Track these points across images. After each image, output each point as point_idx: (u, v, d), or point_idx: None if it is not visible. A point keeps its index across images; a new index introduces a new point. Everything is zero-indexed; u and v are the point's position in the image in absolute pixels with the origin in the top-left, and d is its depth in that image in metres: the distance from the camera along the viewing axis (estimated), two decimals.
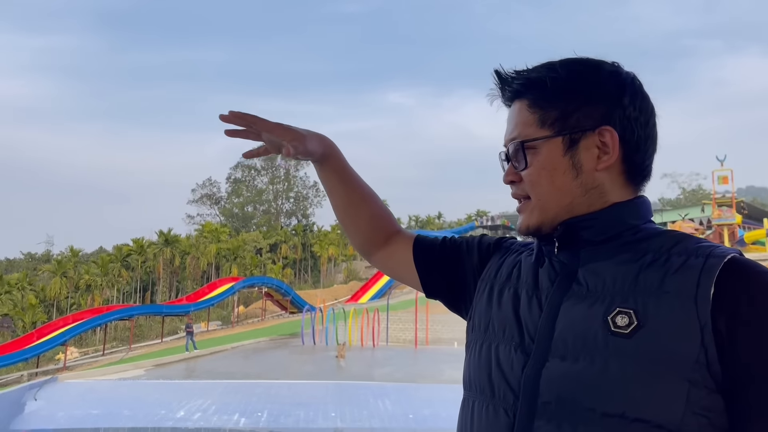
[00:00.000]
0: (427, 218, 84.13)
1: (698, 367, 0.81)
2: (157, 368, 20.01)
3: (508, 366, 0.95)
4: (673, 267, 0.87)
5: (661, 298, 0.85)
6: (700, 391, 0.81)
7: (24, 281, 53.06)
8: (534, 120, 0.99)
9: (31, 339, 29.56)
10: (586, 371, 0.86)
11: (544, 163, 0.98)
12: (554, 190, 0.99)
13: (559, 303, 0.94)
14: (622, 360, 0.84)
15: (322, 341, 24.71)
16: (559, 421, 0.87)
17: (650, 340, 0.83)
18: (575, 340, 0.89)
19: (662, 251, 0.91)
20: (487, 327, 1.04)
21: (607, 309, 0.88)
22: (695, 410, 0.81)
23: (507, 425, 0.92)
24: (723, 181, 40.02)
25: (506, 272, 1.09)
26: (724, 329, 0.81)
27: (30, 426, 10.86)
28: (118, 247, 61.76)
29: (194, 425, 10.53)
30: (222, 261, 61.37)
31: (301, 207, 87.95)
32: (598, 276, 0.93)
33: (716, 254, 0.86)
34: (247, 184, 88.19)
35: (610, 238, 0.96)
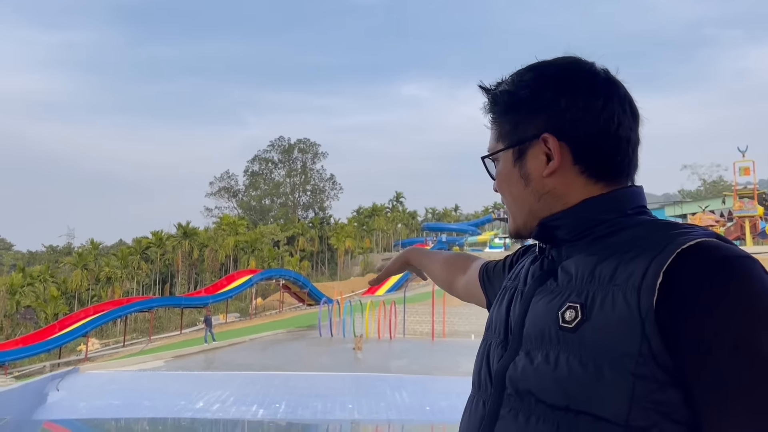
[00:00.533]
0: (443, 210, 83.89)
1: (643, 360, 0.79)
2: (176, 359, 20.23)
3: (487, 362, 1.01)
4: (627, 258, 0.86)
5: (608, 291, 0.85)
6: (648, 385, 0.79)
7: (46, 273, 53.83)
8: (495, 134, 1.06)
9: (53, 330, 30.03)
10: (540, 365, 0.89)
11: (502, 174, 1.05)
12: (513, 199, 1.05)
13: (531, 298, 0.98)
14: (567, 354, 0.85)
15: (339, 333, 24.81)
16: (516, 412, 0.90)
17: (592, 334, 0.84)
18: (536, 334, 0.92)
19: (627, 242, 0.89)
20: (489, 327, 1.09)
21: (561, 304, 0.90)
22: (645, 405, 0.79)
23: (482, 416, 0.97)
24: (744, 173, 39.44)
25: (514, 275, 1.13)
26: (668, 321, 0.79)
27: (52, 416, 11.04)
28: (138, 239, 62.40)
29: (213, 416, 10.64)
30: (240, 253, 61.76)
31: (318, 200, 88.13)
32: (567, 272, 0.94)
33: (679, 241, 0.83)
34: (264, 177, 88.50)
35: (582, 234, 0.96)
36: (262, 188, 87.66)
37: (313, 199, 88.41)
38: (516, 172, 1.02)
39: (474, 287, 1.42)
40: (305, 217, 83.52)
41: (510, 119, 1.03)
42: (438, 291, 27.72)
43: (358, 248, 68.17)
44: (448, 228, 66.73)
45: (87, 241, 63.38)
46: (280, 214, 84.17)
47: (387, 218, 74.85)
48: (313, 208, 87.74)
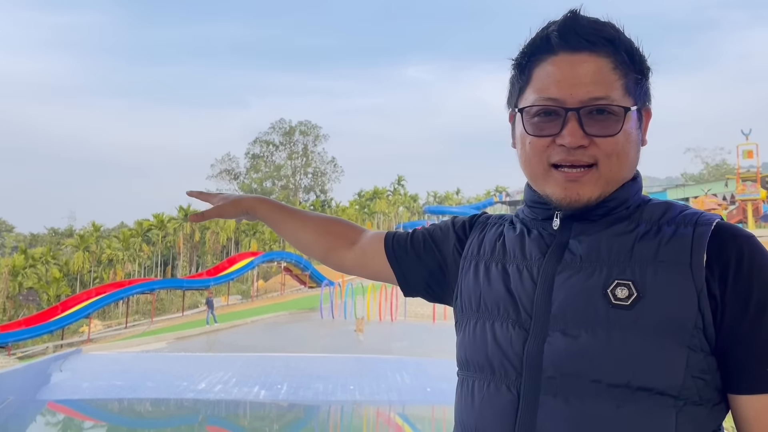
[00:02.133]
0: (445, 194, 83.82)
1: (696, 332, 0.85)
2: (178, 341, 20.33)
3: (507, 343, 0.94)
4: (666, 237, 0.89)
5: (658, 268, 0.87)
6: (698, 355, 0.85)
7: (48, 255, 53.96)
8: (620, 84, 0.93)
9: (55, 312, 30.14)
10: (590, 344, 0.86)
11: (629, 133, 0.94)
12: (627, 162, 0.95)
13: (553, 275, 0.93)
14: (624, 331, 0.86)
15: (341, 315, 24.88)
16: (565, 395, 0.87)
17: (651, 311, 0.85)
18: (575, 313, 0.89)
19: (652, 222, 0.93)
20: (479, 305, 1.02)
21: (605, 281, 0.88)
22: (694, 374, 0.85)
23: (511, 402, 0.91)
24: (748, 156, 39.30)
25: (489, 247, 1.06)
26: (717, 293, 0.85)
27: (55, 396, 11.10)
28: (139, 222, 62.42)
29: (215, 397, 10.69)
30: (241, 236, 61.83)
31: (320, 182, 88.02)
32: (591, 246, 0.92)
33: (702, 222, 0.90)
34: (265, 160, 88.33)
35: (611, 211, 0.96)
36: (263, 171, 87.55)
37: (315, 182, 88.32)
38: (638, 135, 0.97)
39: (373, 261, 1.25)
40: (306, 200, 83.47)
41: (636, 75, 0.95)
42: None
43: None
44: (449, 211, 66.66)
45: (88, 223, 63.47)
46: (281, 197, 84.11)
47: (388, 201, 74.82)
48: (314, 190, 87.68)
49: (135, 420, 10.33)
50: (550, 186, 0.95)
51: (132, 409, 10.89)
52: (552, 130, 0.93)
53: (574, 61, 0.92)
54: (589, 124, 0.91)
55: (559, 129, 0.92)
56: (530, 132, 0.95)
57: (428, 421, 8.91)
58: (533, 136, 0.95)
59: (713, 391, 0.87)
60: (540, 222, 1.01)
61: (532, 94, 0.95)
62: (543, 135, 0.94)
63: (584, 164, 0.92)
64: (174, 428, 9.96)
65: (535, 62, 0.96)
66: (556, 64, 0.93)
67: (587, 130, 0.91)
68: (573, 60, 0.92)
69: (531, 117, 0.95)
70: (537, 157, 0.95)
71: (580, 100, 0.91)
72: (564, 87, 0.92)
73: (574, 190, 0.93)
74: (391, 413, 9.59)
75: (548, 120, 0.93)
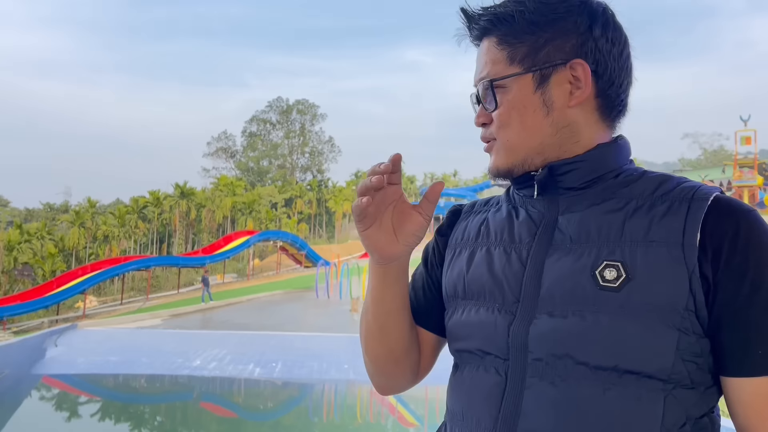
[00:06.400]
0: (442, 176, 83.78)
1: (687, 315, 0.82)
2: (173, 318, 20.40)
3: (492, 327, 0.92)
4: (659, 214, 0.86)
5: (649, 248, 0.84)
6: (689, 338, 0.82)
7: (43, 231, 53.84)
8: (503, 57, 0.94)
9: (51, 287, 30.16)
10: (577, 326, 0.84)
11: (514, 101, 0.93)
12: (523, 130, 0.94)
13: (543, 257, 0.91)
14: (612, 314, 0.83)
15: (336, 295, 24.97)
16: (551, 377, 0.85)
17: (640, 293, 0.82)
18: (563, 295, 0.86)
19: (645, 196, 0.89)
20: (464, 291, 0.99)
21: (594, 262, 0.86)
22: (685, 357, 0.82)
23: (498, 384, 0.90)
24: (746, 142, 39.30)
25: (474, 233, 1.03)
26: (709, 274, 0.82)
27: (51, 371, 11.14)
28: (135, 199, 62.25)
29: (210, 374, 10.74)
30: (237, 214, 61.75)
31: (317, 162, 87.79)
32: (581, 225, 0.90)
33: (699, 196, 0.85)
34: (262, 138, 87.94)
35: (591, 182, 0.93)
36: (259, 149, 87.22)
37: (312, 162, 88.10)
38: (537, 99, 0.93)
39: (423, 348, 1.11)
40: (303, 180, 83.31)
41: (531, 40, 0.93)
42: None
43: None
44: (446, 193, 66.68)
45: (84, 199, 63.27)
46: (278, 176, 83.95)
47: None
48: (311, 170, 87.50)
49: (129, 395, 10.38)
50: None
51: (127, 385, 10.94)
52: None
53: (479, 50, 1.00)
54: (485, 102, 0.98)
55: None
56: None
57: (421, 401, 8.97)
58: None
59: (705, 375, 0.84)
60: (528, 199, 0.99)
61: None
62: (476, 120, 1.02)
63: (489, 139, 0.99)
64: (168, 404, 10.01)
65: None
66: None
67: (486, 107, 0.98)
68: (479, 50, 1.00)
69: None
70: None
71: (476, 81, 1.00)
72: (475, 73, 1.01)
73: (490, 161, 1.00)
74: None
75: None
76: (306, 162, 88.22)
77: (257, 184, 78.75)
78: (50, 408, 9.51)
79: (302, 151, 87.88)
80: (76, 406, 9.76)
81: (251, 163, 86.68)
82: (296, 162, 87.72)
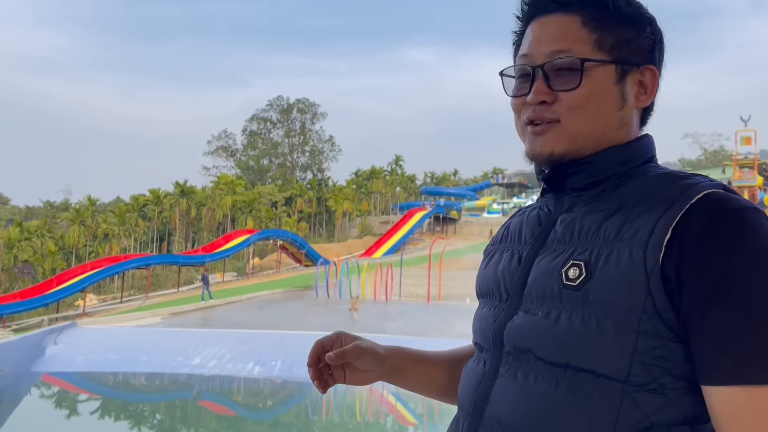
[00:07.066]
0: (442, 175, 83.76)
1: (648, 317, 0.80)
2: (173, 316, 20.41)
3: (485, 322, 0.98)
4: (636, 213, 0.85)
5: (615, 247, 0.83)
6: (651, 341, 0.80)
7: (43, 228, 53.82)
8: (590, 40, 0.92)
9: (50, 285, 30.16)
10: (541, 323, 0.87)
11: (596, 88, 0.92)
12: (597, 118, 0.92)
13: (534, 257, 0.94)
14: (570, 312, 0.84)
15: (336, 294, 24.97)
16: (515, 369, 0.89)
17: (596, 291, 0.83)
18: (538, 293, 0.90)
19: (635, 196, 0.88)
20: (480, 291, 1.06)
21: (565, 261, 0.88)
22: (646, 360, 0.80)
23: (480, 374, 0.96)
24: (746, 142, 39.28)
25: (499, 237, 1.09)
26: (673, 275, 0.79)
27: (50, 368, 11.15)
28: (135, 197, 62.23)
29: (209, 372, 10.75)
30: (237, 213, 61.74)
31: (317, 161, 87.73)
32: (569, 226, 0.92)
33: (688, 194, 0.82)
34: (262, 137, 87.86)
35: (594, 183, 0.93)
36: (260, 148, 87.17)
37: (312, 161, 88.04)
38: (616, 92, 0.93)
39: None
40: (303, 179, 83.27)
41: (619, 32, 0.94)
42: (435, 254, 27.82)
43: (356, 210, 68.20)
44: (446, 192, 66.68)
45: (84, 197, 63.25)
46: (278, 175, 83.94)
47: (385, 181, 74.68)
48: (311, 169, 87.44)
49: (129, 393, 10.40)
50: (526, 143, 0.97)
51: (126, 383, 10.96)
52: (525, 90, 0.95)
53: (545, 22, 0.96)
54: (555, 80, 0.92)
55: (529, 88, 0.94)
56: (509, 93, 0.99)
57: (420, 400, 8.98)
58: (512, 96, 0.99)
59: (680, 381, 0.80)
60: (544, 198, 1.02)
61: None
62: (518, 95, 0.97)
63: (547, 120, 0.93)
64: (168, 402, 10.03)
65: (522, 34, 1.01)
66: (532, 27, 0.98)
67: (553, 86, 0.92)
68: (544, 21, 0.96)
69: (509, 79, 1.00)
70: (517, 117, 0.98)
71: (544, 54, 0.93)
72: (533, 45, 0.95)
73: (537, 144, 0.94)
74: (383, 391, 9.66)
75: (522, 80, 0.97)
76: (306, 161, 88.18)
77: (257, 182, 78.71)
78: (50, 406, 9.52)
79: (302, 149, 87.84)
80: (75, 403, 9.78)
81: (251, 162, 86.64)
82: (296, 161, 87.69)
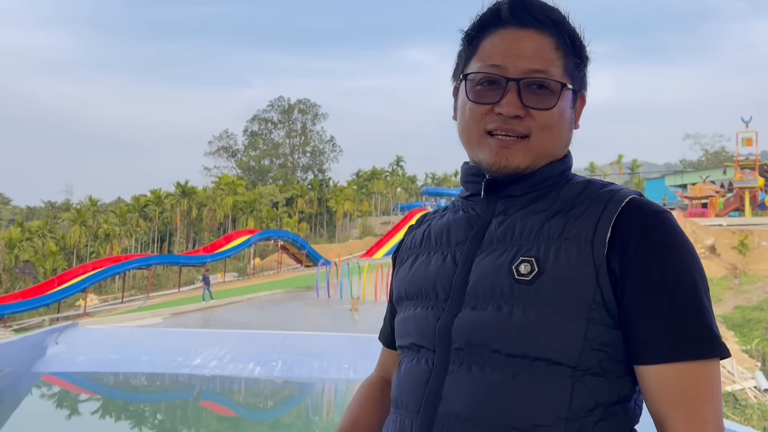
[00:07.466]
0: (443, 176, 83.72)
1: (596, 306, 0.88)
2: (174, 317, 20.41)
3: (425, 322, 1.00)
4: (575, 215, 0.93)
5: (562, 245, 0.91)
6: (598, 329, 0.88)
7: (44, 229, 53.85)
8: (560, 64, 0.99)
9: (52, 285, 30.18)
10: (493, 317, 0.91)
11: (563, 110, 0.99)
12: (560, 138, 1.00)
13: (473, 257, 0.98)
14: (524, 305, 0.89)
15: (337, 294, 24.97)
16: (469, 364, 0.92)
17: (550, 285, 0.89)
18: (485, 289, 0.94)
19: (569, 200, 0.96)
20: (406, 293, 1.07)
21: (512, 258, 0.93)
22: (593, 346, 0.88)
23: (425, 372, 0.98)
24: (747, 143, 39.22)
25: (418, 240, 1.11)
26: (617, 268, 0.88)
27: (51, 369, 11.15)
28: (136, 197, 62.26)
29: (210, 372, 10.75)
30: (238, 213, 61.75)
31: (318, 162, 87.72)
32: (508, 227, 0.97)
33: (616, 199, 0.92)
34: (263, 138, 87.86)
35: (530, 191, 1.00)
36: (261, 148, 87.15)
37: (313, 161, 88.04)
38: (571, 115, 1.01)
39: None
40: (304, 179, 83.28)
41: (575, 61, 1.01)
42: None
43: (356, 211, 68.20)
44: (447, 193, 66.62)
45: (85, 197, 63.29)
46: (279, 175, 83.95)
47: (386, 182, 74.66)
48: (312, 169, 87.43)
49: (130, 394, 10.40)
50: (483, 151, 0.99)
51: (127, 383, 10.96)
52: (492, 99, 0.97)
53: (520, 35, 0.98)
54: (528, 96, 0.96)
55: (499, 98, 0.96)
56: (472, 99, 0.99)
57: None
58: (474, 102, 0.99)
59: (616, 364, 0.90)
60: (469, 202, 1.06)
61: (476, 63, 1.00)
62: (483, 102, 0.98)
63: (518, 134, 0.97)
64: (169, 403, 10.02)
65: (484, 34, 1.01)
66: (502, 36, 0.99)
67: (525, 101, 0.95)
68: (519, 34, 0.98)
69: (474, 84, 1.00)
70: (475, 123, 0.99)
71: (521, 70, 0.96)
72: (507, 57, 0.97)
73: (504, 156, 0.97)
74: None
75: (490, 89, 0.98)
76: (307, 161, 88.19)
77: (258, 183, 78.72)
78: (51, 406, 9.52)
79: (303, 150, 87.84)
80: (76, 404, 9.78)
81: (252, 162, 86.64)
82: (297, 161, 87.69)
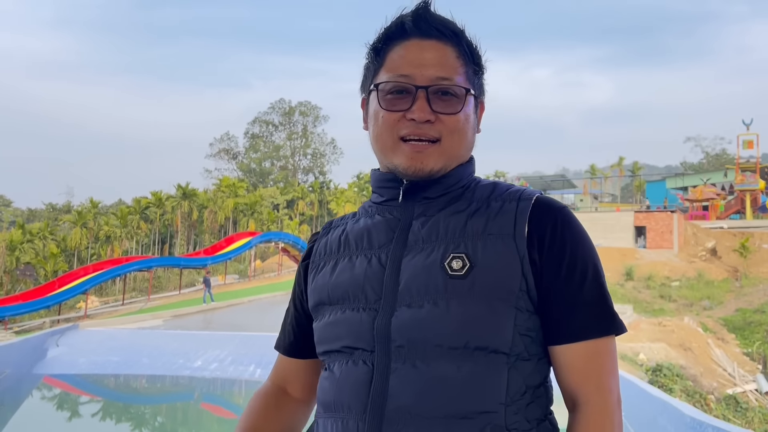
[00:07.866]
0: None
1: (521, 295, 0.96)
2: (175, 319, 20.41)
3: (358, 324, 1.01)
4: (493, 212, 1.01)
5: (487, 240, 0.98)
6: (523, 315, 0.97)
7: (45, 231, 53.86)
8: (462, 71, 1.05)
9: (52, 287, 30.17)
10: (431, 313, 0.95)
11: (468, 114, 1.05)
12: (466, 142, 1.07)
13: (401, 258, 1.01)
14: (460, 298, 0.95)
15: None
16: (412, 360, 0.95)
17: (482, 278, 0.96)
18: (419, 287, 0.97)
19: (483, 200, 1.04)
20: (329, 298, 1.07)
21: (443, 255, 0.98)
22: (521, 332, 0.96)
23: (366, 373, 0.98)
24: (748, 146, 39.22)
25: (335, 246, 1.12)
26: (537, 258, 0.98)
27: (52, 371, 11.14)
28: (137, 199, 62.27)
29: (211, 375, 10.74)
30: (239, 215, 61.76)
31: (319, 164, 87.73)
32: (431, 227, 1.02)
33: (524, 197, 1.02)
34: (264, 140, 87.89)
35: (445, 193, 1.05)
36: (262, 151, 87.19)
37: (314, 163, 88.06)
38: (474, 119, 1.07)
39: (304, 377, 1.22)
40: (305, 181, 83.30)
41: (476, 70, 1.08)
42: None
43: None
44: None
45: (86, 199, 63.31)
46: (280, 177, 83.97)
47: None
48: (313, 172, 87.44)
49: (130, 396, 10.39)
50: (398, 157, 1.03)
51: (128, 385, 10.95)
52: (403, 106, 1.02)
53: (423, 45, 1.04)
54: (436, 102, 1.02)
55: (410, 105, 1.02)
56: (384, 107, 1.04)
57: None
58: (386, 110, 1.04)
59: (538, 347, 0.99)
60: (385, 207, 1.09)
61: (385, 74, 1.05)
62: (395, 110, 1.03)
63: (430, 138, 1.02)
64: (169, 405, 10.01)
65: (390, 46, 1.07)
66: (407, 47, 1.05)
67: (434, 107, 1.01)
68: (423, 45, 1.04)
69: (385, 94, 1.05)
70: (388, 130, 1.04)
71: (428, 78, 1.02)
72: (414, 66, 1.03)
73: (419, 160, 1.02)
74: None
75: (400, 97, 1.03)
76: (308, 163, 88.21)
77: (259, 185, 78.74)
78: (51, 408, 9.51)
79: (304, 152, 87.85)
80: (77, 406, 9.77)
81: (253, 165, 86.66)
82: (298, 163, 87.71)
